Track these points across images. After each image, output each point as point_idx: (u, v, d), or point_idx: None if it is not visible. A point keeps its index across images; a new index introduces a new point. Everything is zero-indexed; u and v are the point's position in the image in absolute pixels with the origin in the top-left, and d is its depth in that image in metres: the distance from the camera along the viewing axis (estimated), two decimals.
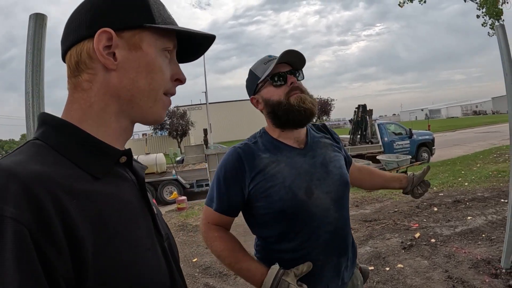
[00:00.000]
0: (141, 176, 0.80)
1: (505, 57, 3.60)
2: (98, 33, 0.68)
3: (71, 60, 0.72)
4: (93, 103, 0.72)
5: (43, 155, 0.64)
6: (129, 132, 0.79)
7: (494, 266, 3.81)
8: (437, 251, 4.47)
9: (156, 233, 0.77)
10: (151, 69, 0.74)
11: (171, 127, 38.64)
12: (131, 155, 0.77)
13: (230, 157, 1.49)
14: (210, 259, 5.16)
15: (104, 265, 0.60)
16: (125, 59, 0.72)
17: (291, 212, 1.43)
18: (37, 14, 1.86)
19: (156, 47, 0.75)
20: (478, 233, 4.89)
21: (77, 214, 0.58)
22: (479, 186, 7.76)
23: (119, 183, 0.72)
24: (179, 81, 0.83)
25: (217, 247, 1.50)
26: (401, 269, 4.09)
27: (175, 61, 0.82)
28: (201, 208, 9.21)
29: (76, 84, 0.72)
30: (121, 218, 0.67)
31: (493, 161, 11.24)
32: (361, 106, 15.63)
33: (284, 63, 1.50)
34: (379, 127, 14.94)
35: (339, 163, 1.59)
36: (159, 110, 0.78)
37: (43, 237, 0.53)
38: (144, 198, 0.77)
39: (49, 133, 0.68)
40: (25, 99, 1.87)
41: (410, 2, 10.14)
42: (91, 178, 0.66)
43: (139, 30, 0.73)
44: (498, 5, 8.67)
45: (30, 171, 0.57)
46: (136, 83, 0.73)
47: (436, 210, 6.29)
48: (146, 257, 0.69)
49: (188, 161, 15.57)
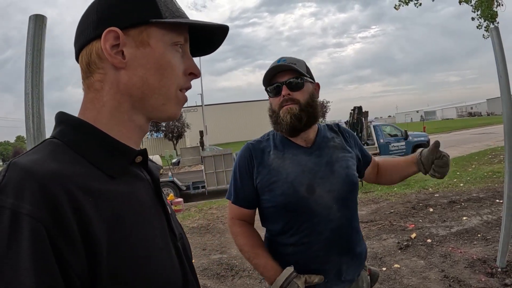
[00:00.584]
0: (156, 176, 0.80)
1: (499, 59, 3.64)
2: (105, 33, 0.69)
3: (82, 62, 0.73)
4: (105, 102, 0.72)
5: (60, 153, 0.64)
6: (145, 129, 0.79)
7: (490, 266, 3.84)
8: (433, 251, 4.50)
9: (170, 232, 0.77)
10: (160, 65, 0.73)
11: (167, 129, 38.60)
12: (147, 155, 0.77)
13: (242, 153, 1.63)
14: (207, 261, 5.16)
15: (118, 263, 0.60)
16: (134, 56, 0.71)
17: (292, 207, 1.50)
18: (37, 15, 1.86)
19: (164, 42, 0.74)
20: (474, 233, 4.93)
21: (92, 213, 0.59)
22: (474, 187, 7.82)
23: (135, 183, 0.72)
24: (194, 75, 0.80)
25: (239, 242, 1.61)
26: (398, 269, 4.11)
27: (189, 55, 0.80)
28: (197, 210, 9.23)
29: (89, 84, 0.73)
30: (136, 217, 0.67)
31: (488, 162, 11.33)
32: (356, 108, 15.67)
33: (285, 71, 1.54)
34: (375, 128, 14.98)
35: (346, 163, 1.60)
36: (173, 107, 0.77)
37: (59, 235, 0.54)
38: (158, 198, 0.78)
39: (66, 132, 0.69)
40: (24, 100, 1.87)
41: (406, 4, 10.19)
42: (107, 177, 0.66)
43: (146, 26, 0.72)
44: (493, 8, 8.75)
45: (47, 169, 0.58)
46: (146, 81, 0.72)
47: (432, 210, 6.33)
48: (160, 256, 0.70)
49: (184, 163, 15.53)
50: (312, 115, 1.55)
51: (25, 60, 1.87)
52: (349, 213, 1.58)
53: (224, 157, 13.30)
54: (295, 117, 1.50)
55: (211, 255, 5.42)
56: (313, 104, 1.56)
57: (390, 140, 14.91)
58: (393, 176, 1.86)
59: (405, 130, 15.42)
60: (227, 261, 5.06)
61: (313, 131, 1.62)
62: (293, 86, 1.53)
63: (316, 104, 1.59)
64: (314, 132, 1.63)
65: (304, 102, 1.53)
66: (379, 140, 14.64)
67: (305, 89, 1.55)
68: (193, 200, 12.33)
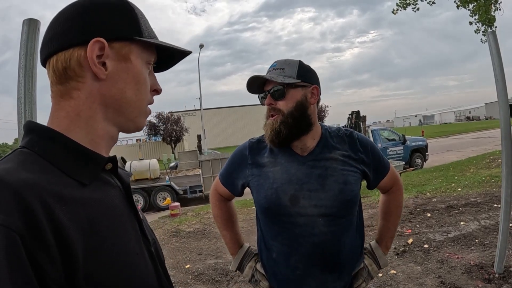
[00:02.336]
0: (127, 182, 0.81)
1: (497, 63, 3.64)
2: (92, 42, 0.69)
3: (57, 66, 0.71)
4: (81, 111, 0.72)
5: (31, 163, 0.64)
6: (115, 139, 0.80)
7: (487, 271, 3.83)
8: (430, 257, 4.48)
9: (143, 238, 0.78)
10: (138, 80, 0.77)
11: (165, 133, 38.59)
12: (116, 162, 0.79)
13: (242, 146, 1.68)
14: (202, 266, 5.14)
15: (95, 269, 0.61)
16: (115, 69, 0.73)
17: (273, 212, 1.50)
18: (30, 19, 1.86)
19: (142, 59, 0.78)
20: (471, 238, 4.91)
21: (67, 220, 0.59)
22: (472, 191, 7.80)
23: (106, 189, 0.73)
24: (156, 92, 0.85)
25: (214, 212, 1.81)
26: (394, 275, 4.09)
27: (153, 73, 0.84)
28: (194, 214, 9.20)
29: (64, 92, 0.72)
30: (110, 223, 0.68)
31: (486, 166, 11.33)
32: (354, 113, 15.69)
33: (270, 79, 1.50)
34: (373, 133, 15.00)
35: (344, 179, 1.48)
36: (142, 120, 0.81)
37: (35, 244, 0.53)
38: (130, 204, 0.79)
39: (36, 141, 0.69)
40: (17, 105, 1.87)
41: (404, 9, 10.25)
42: (79, 185, 0.66)
43: (129, 42, 0.75)
44: (490, 12, 8.78)
45: (19, 178, 0.58)
46: (124, 94, 0.74)
47: (429, 215, 6.31)
48: (135, 261, 0.70)
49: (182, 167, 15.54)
50: (296, 126, 1.45)
51: (18, 64, 1.87)
52: (339, 230, 1.48)
53: (222, 161, 13.27)
54: (274, 132, 1.46)
55: (207, 260, 5.39)
56: (296, 113, 1.46)
57: (388, 144, 14.92)
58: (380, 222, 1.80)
59: (403, 135, 15.44)
60: (223, 266, 5.03)
61: (312, 138, 1.52)
62: (275, 95, 1.47)
63: (303, 111, 1.47)
64: (313, 139, 1.52)
65: (287, 112, 1.45)
66: (377, 145, 14.61)
67: (290, 98, 1.46)
68: (191, 204, 12.31)
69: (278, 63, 1.51)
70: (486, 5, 8.65)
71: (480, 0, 8.65)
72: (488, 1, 8.63)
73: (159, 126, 38.81)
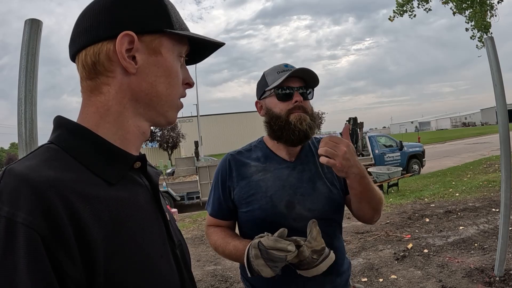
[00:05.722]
0: (155, 182, 0.79)
1: (494, 68, 3.67)
2: (121, 36, 0.68)
3: (86, 61, 0.70)
4: (111, 107, 0.71)
5: (57, 159, 0.63)
6: (147, 135, 0.78)
7: (487, 275, 3.82)
8: (430, 261, 4.47)
9: (169, 239, 0.77)
10: (169, 74, 0.74)
11: (162, 139, 38.45)
12: (146, 160, 0.77)
13: (221, 164, 1.58)
14: (201, 272, 5.10)
15: (116, 270, 0.60)
16: (145, 63, 0.71)
17: (270, 221, 1.42)
18: (33, 19, 1.84)
19: (173, 52, 0.75)
20: (471, 243, 4.91)
21: (90, 220, 0.58)
22: (470, 196, 7.83)
23: (133, 189, 0.71)
24: (189, 85, 0.83)
25: (212, 241, 1.55)
26: (395, 280, 4.08)
27: (185, 66, 0.82)
28: (192, 220, 9.16)
29: (93, 87, 0.71)
30: (135, 224, 0.67)
31: (483, 172, 11.37)
32: (351, 119, 15.73)
33: (297, 78, 1.48)
34: (370, 139, 15.02)
35: (330, 180, 1.51)
36: (174, 113, 0.79)
37: (56, 243, 0.53)
38: (157, 204, 0.77)
39: (64, 137, 0.68)
40: (17, 105, 1.84)
41: (400, 16, 10.33)
42: (105, 184, 0.65)
43: (159, 35, 0.73)
44: (486, 18, 8.86)
45: (43, 176, 0.57)
46: (155, 88, 0.73)
47: (428, 220, 6.32)
48: (158, 263, 0.69)
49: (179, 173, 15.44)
50: (313, 128, 1.48)
51: (19, 64, 1.84)
52: (332, 232, 1.50)
53: None
54: (309, 126, 1.44)
55: (205, 267, 5.36)
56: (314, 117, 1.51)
57: (385, 150, 14.94)
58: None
59: (400, 141, 15.47)
60: (222, 272, 5.00)
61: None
62: (305, 94, 1.47)
63: None
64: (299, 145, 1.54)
65: (311, 113, 1.48)
66: (374, 151, 14.67)
67: (311, 101, 1.51)
68: (188, 210, 12.25)
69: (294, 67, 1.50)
70: (482, 12, 8.73)
71: (476, 7, 8.72)
72: (484, 7, 8.71)
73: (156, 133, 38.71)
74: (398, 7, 10.20)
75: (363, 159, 14.60)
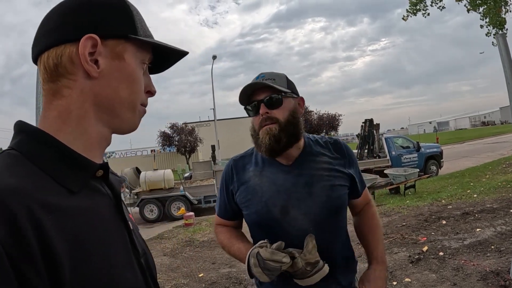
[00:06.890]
0: (117, 191, 0.77)
1: (507, 65, 3.62)
2: (84, 38, 0.67)
3: (48, 63, 0.68)
4: (72, 111, 0.69)
5: (17, 166, 0.61)
6: (108, 141, 0.77)
7: (503, 278, 3.77)
8: (445, 264, 4.43)
9: (133, 249, 0.75)
10: (132, 80, 0.74)
11: (180, 144, 38.74)
12: (108, 169, 0.75)
13: (225, 168, 1.66)
14: (216, 275, 5.15)
15: (81, 281, 0.58)
16: (108, 67, 0.70)
17: (265, 225, 1.48)
18: None
19: (136, 58, 0.75)
20: (487, 245, 4.84)
21: (53, 230, 0.56)
22: (488, 197, 7.68)
23: (95, 198, 0.70)
24: (150, 93, 0.82)
25: (219, 240, 1.68)
26: (409, 283, 4.06)
27: (147, 74, 0.82)
28: (208, 224, 9.22)
29: (55, 90, 0.69)
30: (98, 234, 0.65)
31: (502, 172, 11.14)
32: (367, 121, 15.64)
33: (263, 88, 1.47)
34: (386, 141, 14.89)
35: (330, 184, 1.49)
36: (136, 120, 0.79)
37: (19, 253, 0.51)
38: (120, 214, 0.75)
39: (25, 143, 0.66)
40: (35, 114, 1.92)
41: (414, 15, 10.23)
42: (66, 192, 0.63)
43: (123, 40, 0.72)
44: (501, 14, 8.71)
45: (4, 184, 0.55)
46: (117, 93, 0.72)
47: (445, 223, 6.24)
48: (123, 273, 0.68)
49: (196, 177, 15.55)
50: (293, 134, 1.47)
51: (37, 75, 1.91)
52: (329, 237, 1.47)
53: None
54: (274, 139, 1.43)
55: (220, 269, 5.41)
56: (294, 121, 1.48)
57: (402, 152, 14.78)
58: (362, 241, 1.72)
59: (417, 142, 15.28)
60: (236, 275, 5.04)
61: (296, 148, 1.52)
62: (271, 103, 1.46)
63: (297, 120, 1.50)
64: (297, 149, 1.53)
65: (284, 120, 1.45)
66: (391, 153, 14.53)
67: (285, 106, 1.47)
68: (205, 214, 12.33)
69: (266, 75, 1.51)
70: (496, 8, 8.58)
71: (490, 3, 8.58)
72: (498, 3, 8.56)
73: (174, 137, 39.02)
74: (411, 6, 10.10)
75: (380, 161, 14.49)
